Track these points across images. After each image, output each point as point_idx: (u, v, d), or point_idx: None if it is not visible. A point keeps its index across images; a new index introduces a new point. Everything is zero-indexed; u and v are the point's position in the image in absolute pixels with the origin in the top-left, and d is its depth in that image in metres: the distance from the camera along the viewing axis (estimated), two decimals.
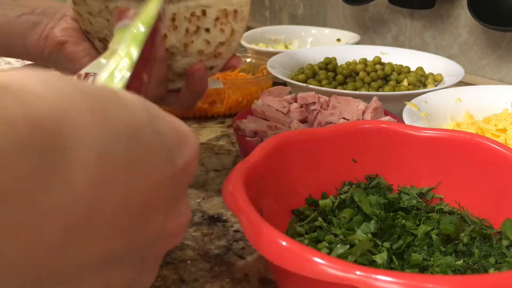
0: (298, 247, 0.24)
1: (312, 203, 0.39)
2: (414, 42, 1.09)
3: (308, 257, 0.23)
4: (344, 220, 0.36)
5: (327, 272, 0.22)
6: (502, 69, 0.93)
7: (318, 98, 0.57)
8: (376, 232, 0.35)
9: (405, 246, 0.34)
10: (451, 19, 0.99)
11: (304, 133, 0.40)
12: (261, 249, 0.25)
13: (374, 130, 0.41)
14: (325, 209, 0.38)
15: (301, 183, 0.39)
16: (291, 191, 0.38)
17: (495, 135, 0.55)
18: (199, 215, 0.48)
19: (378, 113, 0.54)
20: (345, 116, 0.54)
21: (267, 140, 0.37)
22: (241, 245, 0.43)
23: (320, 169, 0.40)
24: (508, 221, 0.35)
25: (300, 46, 1.16)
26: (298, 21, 1.39)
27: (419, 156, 0.40)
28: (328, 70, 0.82)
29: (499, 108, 0.62)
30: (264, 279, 0.38)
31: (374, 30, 1.18)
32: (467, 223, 0.37)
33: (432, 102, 0.61)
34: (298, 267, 0.23)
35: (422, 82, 0.78)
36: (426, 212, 0.38)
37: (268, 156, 0.36)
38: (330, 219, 0.37)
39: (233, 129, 0.53)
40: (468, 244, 0.35)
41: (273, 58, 0.83)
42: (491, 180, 0.37)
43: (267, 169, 0.35)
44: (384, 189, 0.40)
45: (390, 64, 0.81)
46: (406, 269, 0.32)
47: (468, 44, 0.98)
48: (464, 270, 0.32)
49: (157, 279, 0.38)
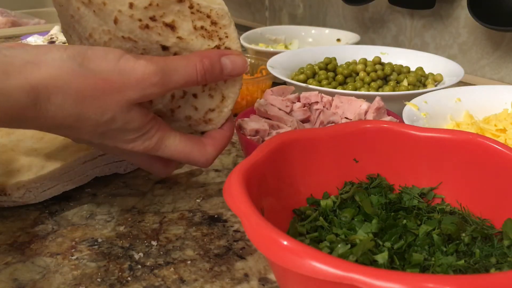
0: (300, 246, 0.24)
1: (314, 203, 0.39)
2: (414, 42, 1.09)
3: (310, 257, 0.23)
4: (345, 220, 0.36)
5: (329, 271, 0.22)
6: (502, 69, 0.93)
7: (321, 97, 0.56)
8: (377, 232, 0.35)
9: (406, 246, 0.34)
10: (451, 19, 0.99)
11: (305, 132, 0.40)
12: (262, 249, 0.25)
13: (375, 130, 0.41)
14: (326, 209, 0.38)
15: (302, 183, 0.39)
16: (292, 191, 0.38)
17: (495, 135, 0.55)
18: (199, 215, 0.47)
19: (380, 113, 0.54)
20: (347, 116, 0.54)
21: (268, 140, 0.37)
22: (241, 245, 0.43)
23: (321, 168, 0.40)
24: (509, 221, 0.35)
25: (300, 46, 1.16)
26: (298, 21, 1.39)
27: (420, 156, 0.40)
28: (328, 70, 0.82)
29: (499, 108, 0.62)
30: (264, 279, 0.38)
31: (374, 30, 1.18)
32: (468, 223, 0.37)
33: (432, 102, 0.61)
34: (299, 267, 0.23)
35: (422, 82, 0.78)
36: (427, 212, 0.38)
37: (269, 155, 0.36)
38: (331, 218, 0.37)
39: (235, 127, 0.53)
40: (469, 244, 0.34)
41: (273, 58, 0.83)
42: (492, 180, 0.37)
43: (268, 169, 0.35)
44: (385, 189, 0.40)
45: (390, 64, 0.80)
46: (407, 269, 0.32)
47: (468, 44, 0.98)
48: (465, 270, 0.32)
49: (157, 279, 0.38)
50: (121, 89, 0.36)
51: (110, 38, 0.40)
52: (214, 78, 0.40)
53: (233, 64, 0.41)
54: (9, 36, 1.35)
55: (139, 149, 0.40)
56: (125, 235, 0.44)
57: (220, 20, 0.39)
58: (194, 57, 0.39)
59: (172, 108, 0.44)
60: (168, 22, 0.38)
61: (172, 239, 0.44)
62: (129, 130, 0.38)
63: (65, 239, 0.44)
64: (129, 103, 0.37)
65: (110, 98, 0.36)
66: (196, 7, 0.38)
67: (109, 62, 0.36)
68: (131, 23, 0.38)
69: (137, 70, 0.36)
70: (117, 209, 0.49)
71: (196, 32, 0.40)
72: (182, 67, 0.38)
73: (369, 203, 0.37)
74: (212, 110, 0.44)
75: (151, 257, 0.41)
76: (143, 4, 0.37)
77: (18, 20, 1.64)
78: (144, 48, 0.40)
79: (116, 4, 0.37)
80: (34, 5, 2.16)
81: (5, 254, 0.41)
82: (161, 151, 0.41)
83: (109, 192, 0.52)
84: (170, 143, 0.41)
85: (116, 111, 0.36)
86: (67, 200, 0.50)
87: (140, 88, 0.36)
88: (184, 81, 0.39)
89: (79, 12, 0.40)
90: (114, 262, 0.40)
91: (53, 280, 0.38)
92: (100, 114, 0.36)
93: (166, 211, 0.48)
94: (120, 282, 0.38)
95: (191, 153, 0.42)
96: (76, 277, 0.38)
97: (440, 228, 0.35)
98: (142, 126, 0.39)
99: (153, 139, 0.40)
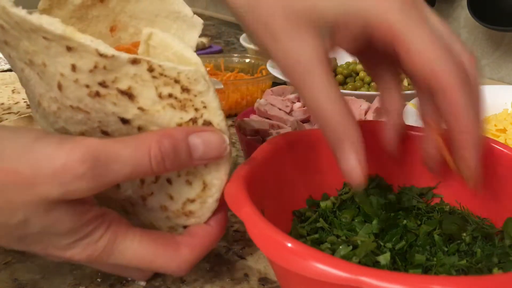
0: (305, 249, 0.24)
1: (313, 204, 0.39)
2: None
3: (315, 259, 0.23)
4: (345, 221, 0.36)
5: (335, 274, 0.22)
6: (502, 69, 0.93)
7: None
8: (377, 233, 0.35)
9: (407, 247, 0.34)
10: (451, 19, 0.99)
11: (305, 133, 0.40)
12: (267, 251, 0.25)
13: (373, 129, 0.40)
14: (326, 210, 0.38)
15: (302, 184, 0.39)
16: (292, 192, 0.38)
17: (495, 135, 0.55)
18: None
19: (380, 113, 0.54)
20: None
21: (268, 141, 0.37)
22: (241, 245, 0.43)
23: (321, 169, 0.40)
24: (510, 221, 0.35)
25: None
26: None
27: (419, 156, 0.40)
28: None
29: (499, 108, 0.62)
30: (264, 279, 0.38)
31: None
32: (468, 223, 0.37)
33: None
34: (305, 269, 0.23)
35: None
36: (427, 212, 0.38)
37: (269, 156, 0.36)
38: (331, 220, 0.37)
39: (235, 127, 0.53)
40: (470, 244, 0.34)
41: None
42: (491, 179, 0.37)
43: (268, 170, 0.35)
44: (384, 189, 0.40)
45: None
46: (410, 270, 0.32)
47: (468, 44, 0.97)
48: (468, 270, 0.32)
49: (157, 279, 0.38)
50: (32, 184, 0.27)
51: (59, 108, 0.32)
52: (178, 164, 0.31)
53: (205, 145, 0.31)
54: None
55: (80, 257, 0.31)
56: None
57: (193, 86, 0.30)
58: (149, 136, 0.30)
59: (143, 195, 0.35)
60: (123, 89, 0.30)
61: None
62: (58, 234, 0.30)
63: None
64: (46, 201, 0.28)
65: (18, 196, 0.27)
66: (158, 70, 0.29)
67: (18, 149, 0.28)
68: (77, 89, 0.30)
69: (56, 158, 0.27)
70: None
71: (163, 102, 0.30)
72: (127, 151, 0.29)
73: (368, 204, 0.37)
74: (192, 201, 0.34)
75: None
76: (87, 66, 0.29)
77: None
78: (100, 120, 0.31)
79: (58, 65, 0.29)
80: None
81: (5, 254, 0.41)
82: (113, 258, 0.32)
83: None
84: (126, 247, 0.32)
85: (28, 211, 0.28)
86: None
87: (59, 183, 0.27)
88: (130, 171, 0.29)
89: (24, 74, 0.33)
90: None
91: (53, 280, 0.38)
92: (7, 215, 0.28)
93: None
94: (120, 282, 0.38)
95: (156, 258, 0.33)
96: (76, 277, 0.38)
97: (441, 228, 0.35)
98: (77, 228, 0.30)
99: (98, 244, 0.31)
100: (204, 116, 0.31)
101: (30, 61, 0.30)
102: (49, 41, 0.28)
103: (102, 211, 0.32)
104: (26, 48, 0.30)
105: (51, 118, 0.33)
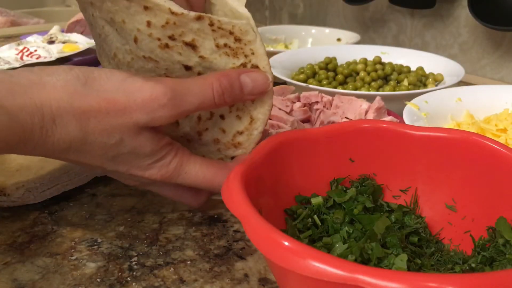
0: (302, 247, 0.24)
1: (302, 200, 0.39)
2: (414, 42, 1.09)
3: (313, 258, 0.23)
4: (337, 221, 0.36)
5: (332, 272, 0.22)
6: (503, 69, 0.93)
7: (321, 97, 0.56)
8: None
9: None
10: (451, 19, 0.99)
11: (303, 132, 0.40)
12: (265, 250, 0.25)
13: (372, 129, 0.40)
14: (320, 207, 0.38)
15: (299, 183, 0.39)
16: (288, 191, 0.38)
17: (496, 135, 0.55)
18: (199, 215, 0.47)
19: (381, 113, 0.54)
20: (348, 115, 0.54)
21: (266, 140, 0.37)
22: (241, 245, 0.43)
23: (318, 168, 0.40)
24: (502, 219, 0.35)
25: (300, 46, 1.16)
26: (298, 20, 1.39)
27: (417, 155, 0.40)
28: (329, 70, 0.81)
29: (500, 108, 0.62)
30: (264, 279, 0.38)
31: (374, 30, 1.18)
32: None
33: (432, 102, 0.61)
34: (302, 268, 0.23)
35: (423, 82, 0.78)
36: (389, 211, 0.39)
37: (266, 156, 0.36)
38: (324, 218, 0.37)
39: None
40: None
41: (273, 58, 0.83)
42: (487, 178, 0.37)
43: (265, 169, 0.35)
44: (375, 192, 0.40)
45: (390, 64, 0.80)
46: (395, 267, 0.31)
47: (468, 44, 0.97)
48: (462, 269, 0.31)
49: (157, 279, 0.38)
50: (127, 110, 0.34)
51: (133, 58, 0.38)
52: (234, 98, 0.38)
53: (253, 82, 0.38)
54: (9, 35, 1.35)
55: (156, 177, 0.37)
56: (125, 235, 0.44)
57: (244, 36, 0.36)
58: (210, 76, 0.37)
59: (199, 130, 0.41)
60: (188, 41, 0.36)
61: (172, 239, 0.43)
62: (142, 155, 0.36)
63: (64, 239, 0.44)
64: (137, 126, 0.35)
65: (115, 120, 0.34)
66: (217, 24, 0.35)
67: (114, 83, 0.34)
68: (150, 42, 0.36)
69: (144, 90, 0.34)
70: (117, 209, 0.48)
71: (219, 51, 0.37)
72: (196, 87, 0.36)
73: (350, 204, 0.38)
74: (240, 133, 0.41)
75: (150, 257, 0.41)
76: (160, 23, 0.35)
77: (18, 20, 1.64)
78: (167, 68, 0.38)
79: (135, 22, 0.35)
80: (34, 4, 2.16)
81: (5, 254, 0.41)
82: (180, 178, 0.38)
83: (109, 192, 0.52)
84: (190, 169, 0.38)
85: (124, 133, 0.34)
86: (67, 200, 0.50)
87: (147, 110, 0.34)
88: (199, 102, 0.36)
89: (104, 30, 0.39)
90: (113, 262, 0.40)
91: (52, 281, 0.38)
92: (106, 136, 0.34)
93: (166, 211, 0.48)
94: (119, 282, 0.38)
95: (214, 179, 0.39)
96: (75, 277, 0.38)
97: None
98: (155, 151, 0.37)
99: (170, 166, 0.38)
100: (252, 61, 0.38)
101: (111, 19, 0.36)
102: (129, 2, 0.34)
103: (171, 140, 0.38)
104: (108, 8, 0.36)
105: (125, 68, 0.39)
